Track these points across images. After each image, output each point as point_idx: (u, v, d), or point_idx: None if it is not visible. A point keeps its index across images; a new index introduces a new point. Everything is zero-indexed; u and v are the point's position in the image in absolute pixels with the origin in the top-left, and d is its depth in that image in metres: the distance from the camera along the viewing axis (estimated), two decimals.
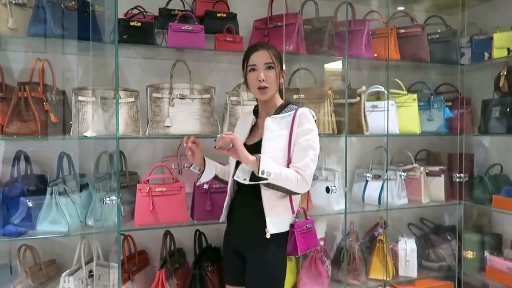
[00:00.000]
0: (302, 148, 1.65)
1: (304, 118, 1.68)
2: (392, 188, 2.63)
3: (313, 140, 1.67)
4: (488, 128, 2.64)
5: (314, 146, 1.67)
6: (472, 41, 2.72)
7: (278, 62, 1.71)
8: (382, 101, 2.62)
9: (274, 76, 1.69)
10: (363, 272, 2.56)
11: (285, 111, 1.72)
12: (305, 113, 1.69)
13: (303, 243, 1.71)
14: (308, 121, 1.68)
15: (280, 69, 1.73)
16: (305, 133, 1.66)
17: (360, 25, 2.52)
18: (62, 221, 1.93)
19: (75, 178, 2.12)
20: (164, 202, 2.07)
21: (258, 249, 1.69)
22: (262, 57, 1.69)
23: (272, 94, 1.72)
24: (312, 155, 1.65)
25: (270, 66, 1.69)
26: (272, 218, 1.66)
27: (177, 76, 2.23)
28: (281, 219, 1.69)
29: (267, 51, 1.69)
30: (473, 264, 2.71)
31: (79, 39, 1.99)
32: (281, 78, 1.75)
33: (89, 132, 2.00)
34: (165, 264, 2.16)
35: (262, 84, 1.68)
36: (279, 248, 1.69)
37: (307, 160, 1.64)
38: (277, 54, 1.72)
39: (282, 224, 1.70)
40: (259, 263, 1.69)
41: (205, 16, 2.32)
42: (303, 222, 1.74)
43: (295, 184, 1.63)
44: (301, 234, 1.71)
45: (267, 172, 1.56)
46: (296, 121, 1.67)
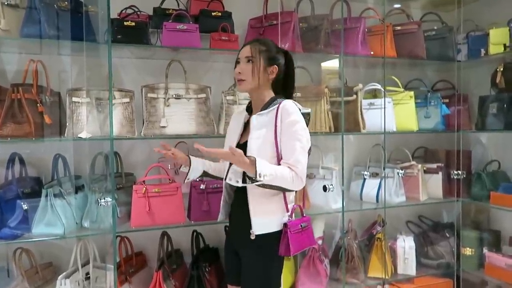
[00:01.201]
0: (288, 143, 1.60)
1: (287, 111, 1.61)
2: (390, 186, 2.62)
3: (299, 132, 1.60)
4: (485, 125, 2.63)
5: (301, 138, 1.60)
6: (468, 38, 2.71)
7: (262, 57, 1.67)
8: (379, 99, 2.61)
9: (251, 69, 1.66)
10: (361, 270, 2.55)
11: (270, 107, 1.67)
12: (287, 106, 1.63)
13: (297, 243, 1.66)
14: (291, 113, 1.61)
15: (266, 64, 1.68)
16: (289, 125, 1.60)
17: (356, 22, 2.51)
18: (57, 223, 1.91)
19: (70, 179, 2.11)
20: (160, 203, 2.06)
21: (249, 250, 1.68)
22: (244, 51, 1.69)
23: (250, 88, 1.69)
24: (299, 147, 1.59)
25: (249, 60, 1.67)
26: (258, 219, 1.63)
27: (172, 76, 2.21)
28: (271, 219, 1.66)
29: (250, 46, 1.68)
30: (471, 261, 2.70)
31: (73, 40, 1.97)
32: (270, 73, 1.69)
33: (84, 133, 1.98)
34: (163, 265, 2.15)
35: (238, 77, 1.68)
36: (269, 248, 1.65)
37: (296, 155, 1.58)
38: (264, 50, 1.68)
39: (272, 224, 1.66)
40: (250, 264, 1.68)
41: (200, 15, 2.31)
42: (298, 220, 1.70)
43: (291, 182, 1.58)
44: (295, 233, 1.66)
45: (263, 175, 1.51)
46: (279, 115, 1.62)
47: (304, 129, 1.62)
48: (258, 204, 1.65)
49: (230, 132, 1.85)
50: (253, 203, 1.64)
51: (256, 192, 1.63)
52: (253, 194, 1.64)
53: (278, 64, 1.71)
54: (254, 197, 1.64)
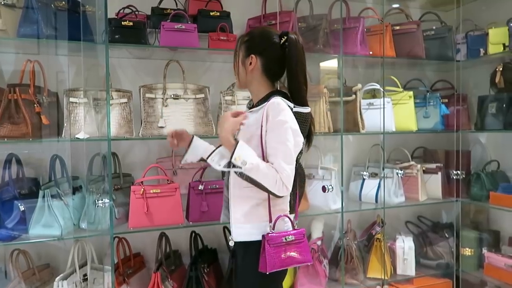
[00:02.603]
0: (273, 146, 1.44)
1: (273, 109, 1.45)
2: (389, 186, 2.61)
3: (284, 134, 1.44)
4: (485, 125, 2.63)
5: (287, 142, 1.43)
6: (468, 37, 2.71)
7: (241, 49, 1.57)
8: (378, 99, 2.60)
9: (234, 64, 1.61)
10: (361, 271, 2.54)
11: (262, 103, 1.54)
12: (274, 104, 1.46)
13: (276, 259, 1.47)
14: (277, 112, 1.44)
15: (244, 56, 1.56)
16: (275, 126, 1.44)
17: (355, 22, 2.50)
18: (55, 224, 1.90)
19: (68, 180, 2.09)
20: (158, 204, 2.05)
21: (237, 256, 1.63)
22: None
23: (238, 83, 1.63)
24: (284, 151, 1.43)
25: (234, 55, 1.61)
26: (238, 225, 1.53)
27: (171, 76, 2.20)
28: (253, 227, 1.52)
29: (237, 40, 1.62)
30: (471, 261, 2.69)
31: (70, 40, 1.96)
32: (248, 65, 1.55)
33: (82, 134, 1.97)
34: (161, 267, 2.14)
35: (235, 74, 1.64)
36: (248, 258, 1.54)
37: (279, 160, 1.42)
38: (248, 38, 1.58)
39: (253, 233, 1.52)
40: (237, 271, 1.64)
41: (198, 15, 2.30)
42: (282, 233, 1.52)
43: (273, 183, 1.41)
44: (275, 247, 1.48)
45: (242, 161, 1.38)
46: (265, 114, 1.46)
47: (293, 130, 1.46)
48: (239, 207, 1.53)
49: None
50: (234, 206, 1.54)
51: (237, 194, 1.53)
52: (235, 197, 1.54)
53: (259, 53, 1.54)
54: (235, 199, 1.54)
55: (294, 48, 1.52)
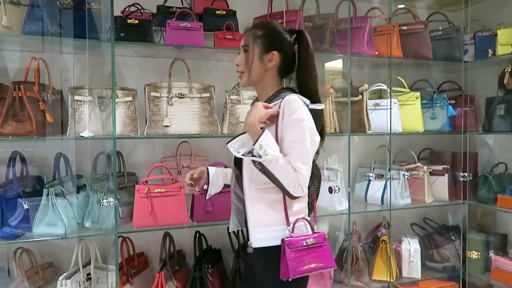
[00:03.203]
0: (288, 146, 1.40)
1: (290, 106, 1.40)
2: (395, 188, 2.58)
3: (301, 133, 1.40)
4: (492, 126, 2.60)
5: (304, 141, 1.39)
6: (476, 38, 2.68)
7: (257, 44, 1.49)
8: (384, 99, 2.58)
9: (247, 59, 1.49)
10: (366, 273, 2.51)
11: (275, 100, 1.47)
12: (290, 101, 1.41)
13: (299, 263, 1.41)
14: (294, 110, 1.40)
15: (262, 51, 1.48)
16: (292, 124, 1.40)
17: (362, 22, 2.48)
18: (58, 223, 1.89)
19: (72, 179, 2.08)
20: (163, 203, 2.03)
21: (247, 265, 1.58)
22: (242, 41, 1.53)
23: (250, 80, 1.51)
24: (300, 152, 1.39)
25: (245, 49, 1.51)
26: (257, 230, 1.45)
27: (176, 75, 2.18)
28: (271, 231, 1.45)
29: (247, 33, 1.52)
30: (477, 264, 2.66)
31: (76, 38, 1.95)
32: (268, 62, 1.49)
33: (86, 132, 1.96)
34: (165, 266, 2.12)
35: (237, 69, 1.53)
36: (268, 264, 1.47)
37: (295, 158, 1.38)
38: (260, 34, 1.49)
39: (272, 237, 1.45)
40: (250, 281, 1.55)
41: (204, 13, 2.28)
42: (300, 237, 1.45)
43: (290, 181, 1.36)
44: (296, 251, 1.42)
45: (264, 150, 1.32)
46: (281, 112, 1.41)
47: (309, 129, 1.42)
48: (256, 211, 1.46)
49: None
50: (251, 210, 1.46)
51: (254, 197, 1.46)
52: (252, 199, 1.47)
53: (279, 49, 1.49)
54: (252, 202, 1.47)
55: (307, 46, 1.52)
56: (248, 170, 1.47)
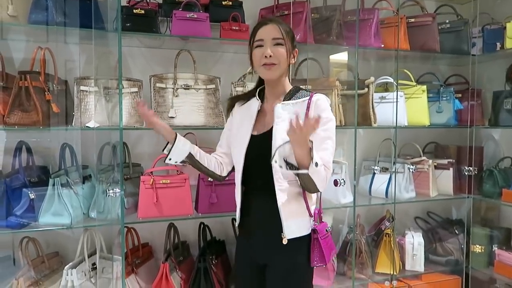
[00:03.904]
0: (322, 141, 1.46)
1: (320, 106, 1.50)
2: (400, 181, 2.58)
3: (332, 131, 1.50)
4: (499, 121, 2.58)
5: (332, 137, 1.49)
6: (484, 31, 2.65)
7: (289, 39, 1.51)
8: (390, 92, 2.56)
9: (284, 52, 1.49)
10: (369, 266, 2.52)
11: (297, 97, 1.54)
12: (322, 100, 1.51)
13: (328, 249, 1.54)
14: (324, 109, 1.49)
15: (291, 48, 1.54)
16: (323, 122, 1.44)
17: (369, 14, 2.46)
18: (64, 213, 1.90)
19: (77, 169, 2.09)
20: (168, 195, 2.04)
21: (278, 257, 1.53)
22: (270, 32, 1.49)
23: (280, 74, 1.52)
24: (332, 148, 1.49)
25: (279, 43, 1.49)
26: (289, 222, 1.49)
27: (182, 66, 2.17)
28: (299, 222, 1.52)
29: (277, 26, 1.49)
30: (481, 258, 2.66)
31: (81, 27, 1.94)
32: (292, 58, 1.56)
33: (92, 122, 1.96)
34: (169, 257, 2.13)
35: (268, 61, 1.48)
36: (300, 254, 1.53)
37: (329, 156, 1.46)
38: (289, 30, 1.53)
39: (301, 227, 1.53)
40: (280, 274, 1.53)
41: (210, 4, 2.27)
42: (322, 225, 1.56)
43: (324, 180, 1.44)
44: (325, 239, 1.53)
45: (315, 163, 1.36)
46: (311, 109, 1.49)
47: (334, 128, 1.52)
48: (287, 205, 1.49)
49: (238, 123, 1.64)
50: (283, 204, 1.48)
51: (283, 193, 1.49)
52: (281, 195, 1.48)
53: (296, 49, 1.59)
54: (281, 197, 1.49)
55: None
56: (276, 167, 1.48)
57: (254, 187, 1.58)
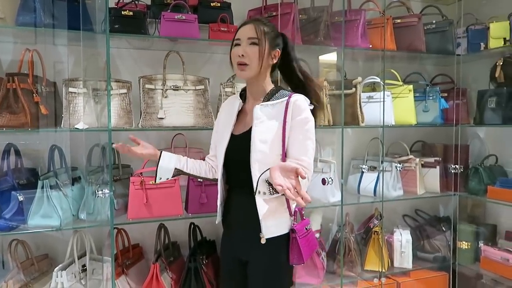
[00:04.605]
0: (301, 142, 1.48)
1: (299, 107, 1.49)
2: (388, 180, 2.62)
3: (311, 131, 1.51)
4: (484, 119, 2.63)
5: (312, 137, 1.51)
6: (468, 31, 2.70)
7: (267, 39, 1.50)
8: (377, 92, 2.60)
9: (257, 52, 1.48)
10: (358, 263, 2.56)
11: (276, 98, 1.53)
12: (299, 101, 1.50)
13: (307, 248, 1.55)
14: (304, 110, 1.49)
15: (270, 48, 1.51)
16: (302, 123, 1.48)
17: (356, 14, 2.49)
18: (54, 215, 1.89)
19: (66, 171, 2.08)
20: (158, 195, 2.04)
21: (257, 255, 1.54)
22: (246, 31, 1.50)
23: (253, 74, 1.51)
24: (311, 149, 1.50)
25: (253, 42, 1.48)
26: (267, 221, 1.49)
27: (170, 67, 2.18)
28: (278, 220, 1.53)
29: (254, 26, 1.50)
30: (467, 254, 2.71)
31: (70, 29, 1.94)
32: (272, 58, 1.54)
33: (81, 124, 1.96)
34: (160, 258, 2.14)
35: (241, 60, 1.49)
36: (279, 252, 1.54)
37: (307, 157, 1.48)
38: (269, 31, 1.51)
39: (280, 226, 1.53)
40: (259, 271, 1.54)
41: (199, 5, 2.28)
42: (302, 223, 1.57)
43: (307, 183, 1.45)
44: (303, 238, 1.54)
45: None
46: (289, 110, 1.48)
47: (314, 128, 1.53)
48: (265, 205, 1.49)
49: (222, 123, 1.66)
50: (261, 204, 1.48)
51: None
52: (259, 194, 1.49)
53: (280, 48, 1.57)
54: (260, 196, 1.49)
55: (292, 46, 1.61)
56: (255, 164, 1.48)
57: (235, 185, 1.62)
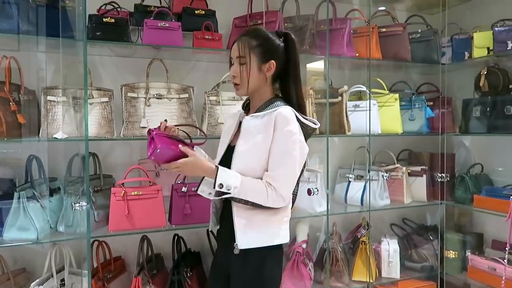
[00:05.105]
0: (277, 156, 1.42)
1: (282, 119, 1.42)
2: (375, 189, 2.60)
3: (291, 145, 1.42)
4: (469, 128, 2.64)
5: (293, 152, 1.42)
6: (453, 41, 2.72)
7: (255, 54, 1.46)
8: (363, 101, 2.59)
9: (245, 71, 1.46)
10: (346, 273, 2.52)
11: (267, 109, 1.47)
12: (282, 114, 1.42)
13: None
14: (286, 123, 1.42)
15: (260, 62, 1.47)
16: (283, 136, 1.42)
17: (342, 23, 2.49)
18: (30, 227, 1.82)
19: (45, 182, 2.02)
20: (140, 206, 1.99)
21: (237, 268, 1.50)
22: (234, 50, 1.50)
23: (244, 91, 1.51)
24: (290, 163, 1.42)
25: (241, 62, 1.47)
26: (246, 232, 1.44)
27: (154, 75, 2.14)
28: (263, 231, 1.47)
29: (240, 43, 1.47)
30: (455, 264, 2.70)
31: (49, 36, 1.89)
32: (267, 71, 1.49)
33: (60, 133, 1.90)
34: (142, 271, 2.08)
35: (232, 81, 1.52)
36: (262, 266, 1.47)
37: (282, 170, 1.41)
38: (256, 44, 1.46)
39: (263, 238, 1.47)
40: (239, 285, 1.50)
41: (183, 13, 2.25)
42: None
43: (266, 198, 1.40)
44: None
45: (226, 186, 1.36)
46: (273, 123, 1.42)
47: (300, 142, 1.46)
48: (243, 213, 1.45)
49: (224, 133, 1.65)
50: (238, 212, 1.45)
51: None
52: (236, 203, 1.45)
53: (275, 58, 1.49)
54: (237, 205, 1.45)
55: (295, 49, 1.52)
56: None
57: None
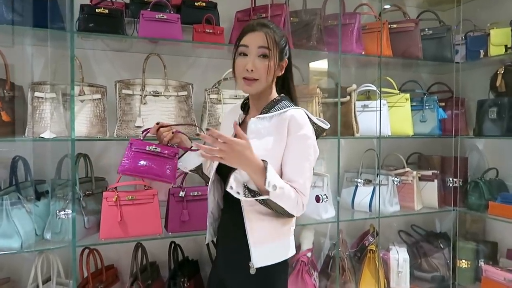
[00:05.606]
0: (296, 164, 1.31)
1: (297, 122, 1.32)
2: (384, 194, 2.46)
3: (309, 151, 1.33)
4: (483, 130, 2.50)
5: (310, 158, 1.33)
6: (467, 38, 2.58)
7: (278, 50, 1.35)
8: (373, 101, 2.45)
9: (267, 67, 1.32)
10: (353, 284, 2.38)
11: (275, 110, 1.36)
12: (296, 116, 1.32)
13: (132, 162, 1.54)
14: (302, 126, 1.32)
15: (279, 59, 1.36)
16: (299, 141, 1.32)
17: (351, 18, 2.35)
18: (14, 235, 1.67)
19: (32, 185, 1.87)
20: (134, 212, 1.84)
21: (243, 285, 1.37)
22: (256, 40, 1.32)
23: (260, 89, 1.36)
24: (308, 171, 1.33)
25: (265, 54, 1.32)
26: (259, 248, 1.32)
27: (150, 71, 2.01)
28: (274, 246, 1.36)
29: (265, 34, 1.31)
30: (467, 274, 2.56)
31: (37, 27, 1.74)
32: (279, 70, 1.39)
33: (47, 133, 1.76)
34: (136, 281, 1.94)
35: (249, 75, 1.33)
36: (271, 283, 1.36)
37: (304, 180, 1.30)
38: (279, 39, 1.35)
39: (275, 253, 1.36)
40: None
41: (182, 4, 2.11)
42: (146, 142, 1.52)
43: (295, 205, 1.29)
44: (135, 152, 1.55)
45: (273, 185, 1.21)
46: (286, 126, 1.32)
47: (314, 147, 1.36)
48: (258, 224, 1.33)
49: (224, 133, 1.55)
50: (251, 225, 1.32)
51: (254, 209, 1.32)
52: (251, 212, 1.32)
53: (287, 57, 1.42)
54: (252, 215, 1.32)
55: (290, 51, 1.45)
56: None
57: (226, 203, 1.47)
